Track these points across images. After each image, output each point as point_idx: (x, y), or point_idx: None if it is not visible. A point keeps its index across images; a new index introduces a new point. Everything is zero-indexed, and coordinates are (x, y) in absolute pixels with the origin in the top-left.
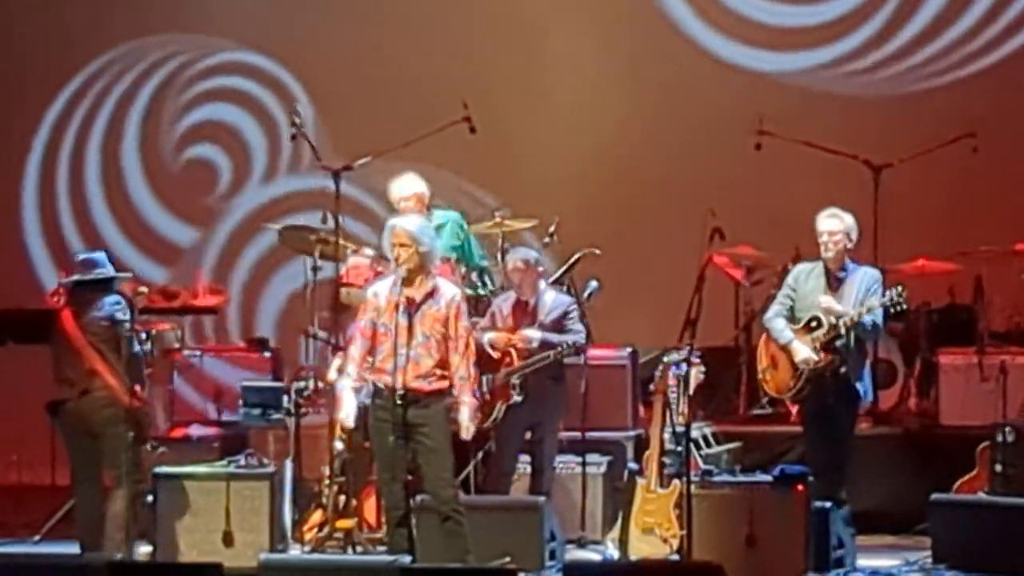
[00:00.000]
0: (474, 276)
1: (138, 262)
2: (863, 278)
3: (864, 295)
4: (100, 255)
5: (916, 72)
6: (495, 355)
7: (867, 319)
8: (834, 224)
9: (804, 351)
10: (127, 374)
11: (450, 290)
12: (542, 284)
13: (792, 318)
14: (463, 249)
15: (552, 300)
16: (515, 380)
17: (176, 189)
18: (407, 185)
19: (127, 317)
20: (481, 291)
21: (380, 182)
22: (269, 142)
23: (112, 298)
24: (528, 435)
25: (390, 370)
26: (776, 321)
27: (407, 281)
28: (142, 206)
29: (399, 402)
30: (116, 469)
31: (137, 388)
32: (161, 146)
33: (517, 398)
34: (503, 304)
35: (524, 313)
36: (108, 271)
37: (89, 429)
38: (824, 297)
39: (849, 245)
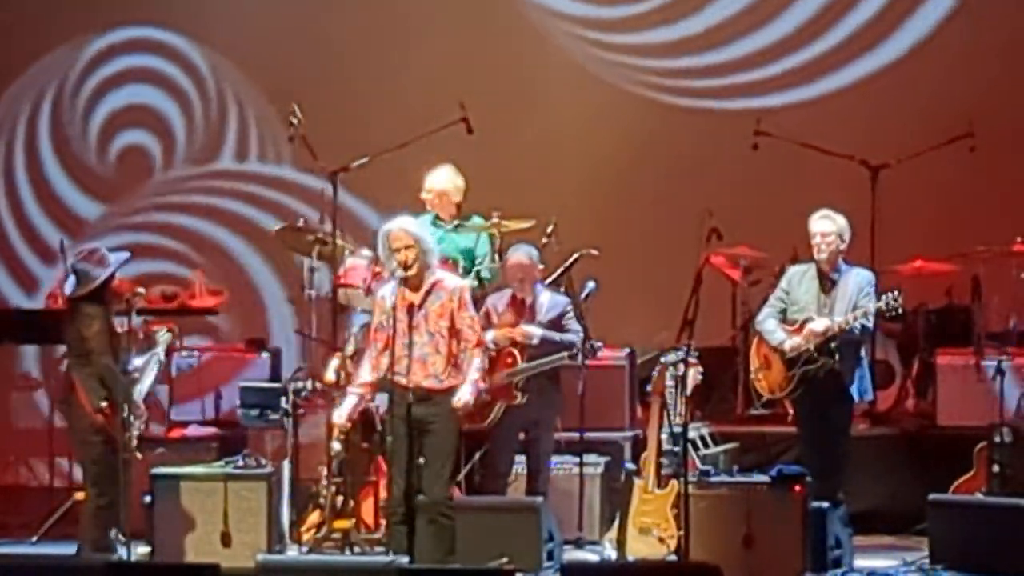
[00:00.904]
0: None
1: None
2: (856, 280)
3: (858, 296)
4: (88, 260)
5: (914, 71)
6: (493, 354)
7: (856, 323)
8: (826, 225)
9: (793, 341)
10: (95, 390)
11: (452, 282)
12: (539, 285)
13: (785, 320)
14: (484, 253)
15: (549, 300)
16: (519, 380)
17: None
18: (443, 179)
19: (95, 330)
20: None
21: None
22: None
23: (90, 309)
24: (523, 435)
25: (402, 371)
26: (767, 322)
27: (411, 282)
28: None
29: (411, 400)
30: (89, 475)
31: (104, 404)
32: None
33: (521, 399)
34: (498, 302)
35: (520, 311)
36: (91, 279)
37: (72, 436)
38: (817, 322)
39: (841, 246)
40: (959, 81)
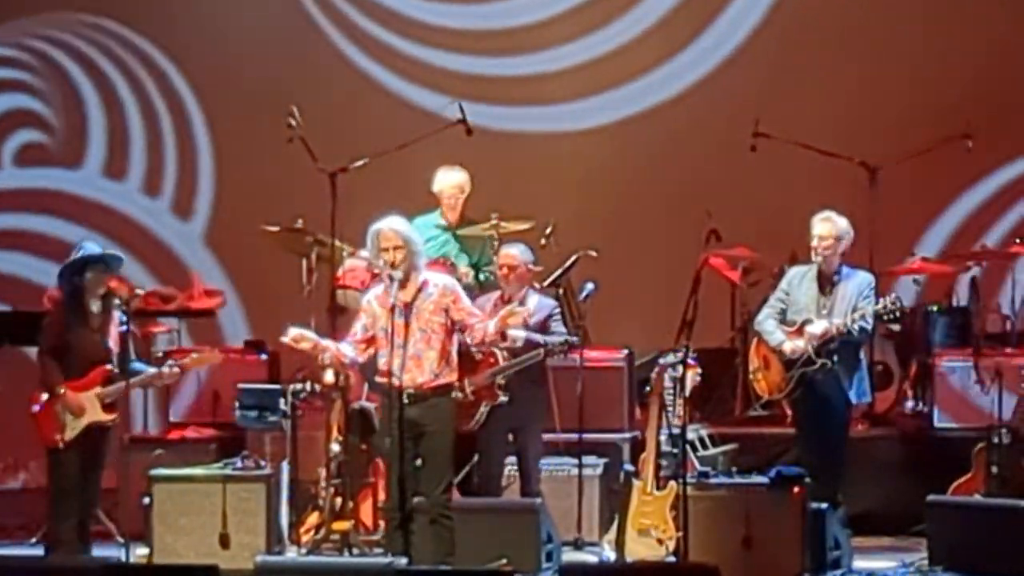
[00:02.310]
0: (469, 278)
1: None
2: (857, 283)
3: (857, 299)
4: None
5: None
6: (478, 355)
7: (855, 325)
8: (826, 228)
9: (793, 343)
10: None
11: (440, 280)
12: (529, 289)
13: (784, 321)
14: (488, 257)
15: (536, 302)
16: (500, 380)
17: None
18: (463, 177)
19: (44, 322)
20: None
21: None
22: None
23: (55, 305)
24: (511, 437)
25: (396, 371)
26: (767, 323)
27: (401, 283)
28: None
29: (407, 401)
30: None
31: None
32: None
33: (503, 398)
34: (486, 303)
35: None
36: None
37: None
38: (816, 324)
39: (840, 249)
40: (957, 81)
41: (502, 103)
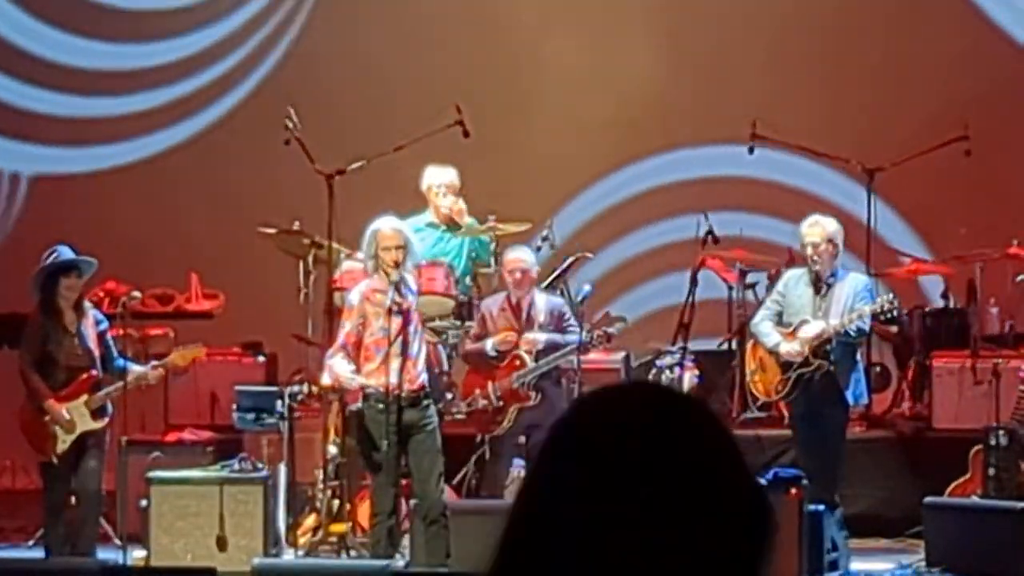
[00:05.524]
0: (468, 279)
1: None
2: (852, 284)
3: (854, 301)
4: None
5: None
6: (500, 364)
7: (852, 326)
8: (815, 233)
9: (789, 345)
10: None
11: (414, 282)
12: (534, 288)
13: (780, 323)
14: (489, 255)
15: (545, 303)
16: (530, 380)
17: None
18: (456, 175)
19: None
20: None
21: None
22: None
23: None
24: (524, 439)
25: (395, 370)
26: (763, 325)
27: (397, 285)
28: None
29: (402, 404)
30: None
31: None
32: None
33: (535, 400)
34: (492, 307)
35: (516, 314)
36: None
37: None
38: (812, 325)
39: (832, 250)
40: (955, 83)
41: (500, 103)
